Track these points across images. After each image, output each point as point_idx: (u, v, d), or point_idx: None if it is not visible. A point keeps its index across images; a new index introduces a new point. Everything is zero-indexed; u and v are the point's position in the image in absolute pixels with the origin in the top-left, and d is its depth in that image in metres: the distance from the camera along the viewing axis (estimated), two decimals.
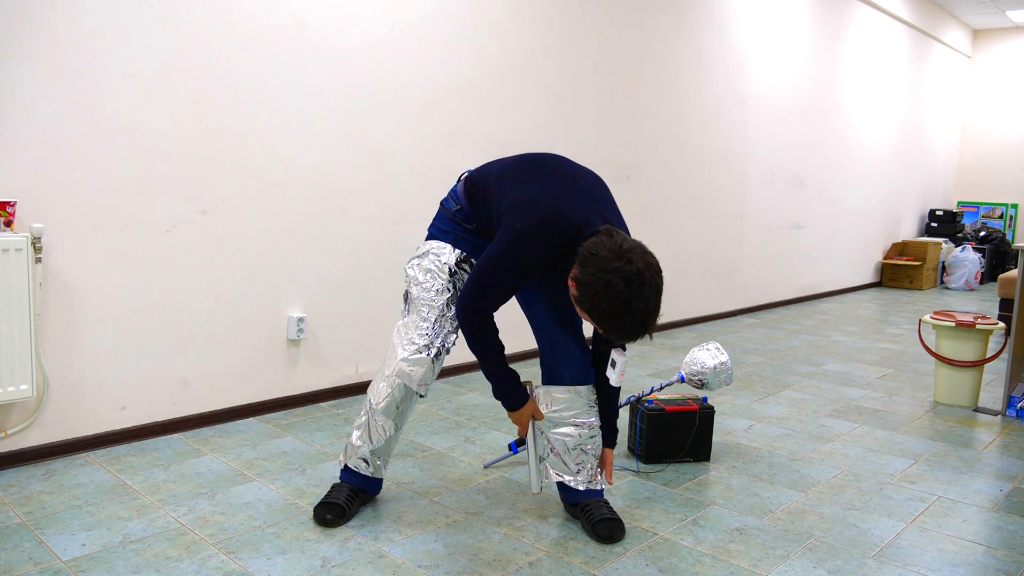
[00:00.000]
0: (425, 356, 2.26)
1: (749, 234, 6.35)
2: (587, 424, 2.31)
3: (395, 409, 2.31)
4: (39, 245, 2.61)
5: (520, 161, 2.26)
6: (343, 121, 3.48)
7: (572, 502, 2.38)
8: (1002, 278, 5.22)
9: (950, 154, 10.28)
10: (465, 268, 2.30)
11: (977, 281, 8.59)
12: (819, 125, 7.12)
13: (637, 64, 5.02)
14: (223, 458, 2.84)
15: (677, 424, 2.87)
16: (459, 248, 2.29)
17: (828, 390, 4.06)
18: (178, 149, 2.98)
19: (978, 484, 2.81)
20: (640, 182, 5.18)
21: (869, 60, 7.81)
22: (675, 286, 5.62)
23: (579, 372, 2.30)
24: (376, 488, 2.46)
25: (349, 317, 3.61)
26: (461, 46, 3.94)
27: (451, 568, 2.10)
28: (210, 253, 3.11)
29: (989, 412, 3.71)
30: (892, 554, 2.26)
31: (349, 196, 3.54)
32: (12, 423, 2.68)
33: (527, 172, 2.19)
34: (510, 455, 2.89)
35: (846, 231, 7.86)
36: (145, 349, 2.97)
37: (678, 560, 2.18)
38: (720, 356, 2.95)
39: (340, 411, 3.42)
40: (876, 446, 3.20)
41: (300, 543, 2.21)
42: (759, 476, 2.82)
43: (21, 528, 2.25)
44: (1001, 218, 9.97)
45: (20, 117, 2.60)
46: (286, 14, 3.23)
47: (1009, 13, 9.19)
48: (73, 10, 2.66)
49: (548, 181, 2.14)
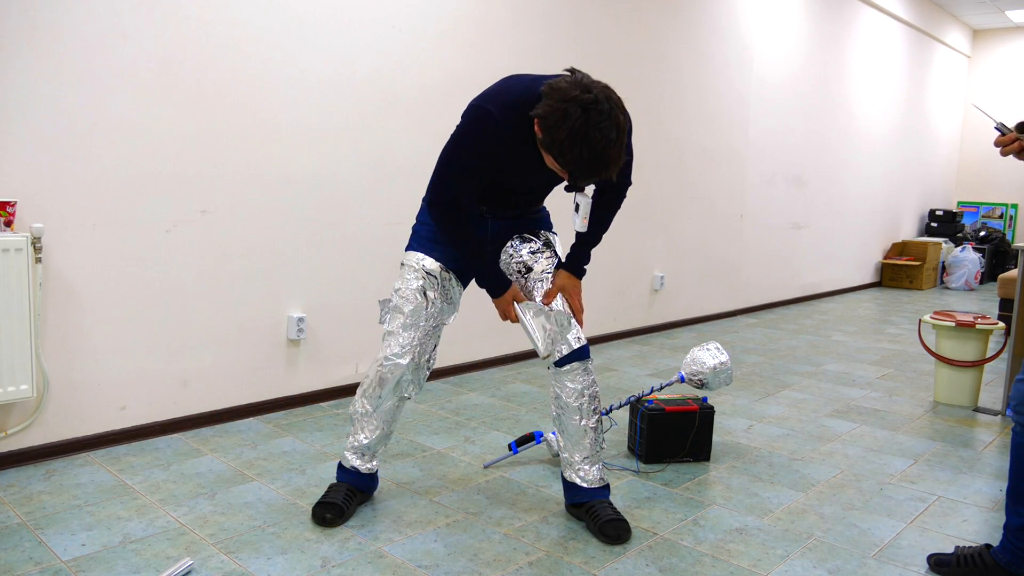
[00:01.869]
0: (402, 362, 2.28)
1: (749, 234, 6.35)
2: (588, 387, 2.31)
3: (375, 395, 2.33)
4: (39, 245, 2.61)
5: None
6: (343, 121, 3.48)
7: (576, 502, 2.38)
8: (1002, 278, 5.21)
9: (950, 154, 10.28)
10: (442, 271, 2.31)
11: (977, 281, 8.59)
12: (819, 125, 7.12)
13: (637, 64, 5.02)
14: (223, 458, 2.83)
15: (677, 424, 2.87)
16: (431, 255, 2.30)
17: (828, 390, 4.06)
18: (178, 149, 2.98)
19: (978, 484, 2.81)
20: (640, 182, 5.16)
21: (869, 60, 7.80)
22: (675, 286, 5.62)
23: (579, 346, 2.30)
24: (372, 486, 2.48)
25: (349, 317, 3.61)
26: (461, 46, 3.94)
27: (451, 568, 2.10)
28: (210, 253, 3.11)
29: (989, 412, 3.71)
30: (892, 554, 2.26)
31: (349, 196, 3.54)
32: (12, 423, 2.68)
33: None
34: (510, 455, 2.89)
35: (846, 231, 7.86)
36: (145, 349, 2.97)
37: (678, 560, 2.18)
38: (720, 356, 2.94)
39: (340, 411, 3.42)
40: (876, 446, 3.20)
41: (300, 543, 2.21)
42: (759, 476, 2.82)
43: (21, 528, 2.25)
44: (1001, 218, 9.97)
45: (20, 117, 2.59)
46: (286, 13, 3.23)
47: (1009, 13, 9.18)
48: (73, 10, 2.66)
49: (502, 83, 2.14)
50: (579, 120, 1.82)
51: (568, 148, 1.85)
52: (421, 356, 2.31)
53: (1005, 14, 9.23)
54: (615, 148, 1.87)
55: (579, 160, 1.87)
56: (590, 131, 1.82)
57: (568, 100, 1.84)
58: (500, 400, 3.67)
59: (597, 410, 2.33)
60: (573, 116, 1.82)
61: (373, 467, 2.44)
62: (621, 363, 4.50)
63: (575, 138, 1.83)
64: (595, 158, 1.86)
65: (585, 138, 1.83)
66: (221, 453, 2.88)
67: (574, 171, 1.91)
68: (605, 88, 1.89)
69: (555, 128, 1.85)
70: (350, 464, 2.41)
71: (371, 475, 2.45)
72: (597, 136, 1.83)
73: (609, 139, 1.84)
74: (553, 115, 1.85)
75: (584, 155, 1.85)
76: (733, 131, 6.01)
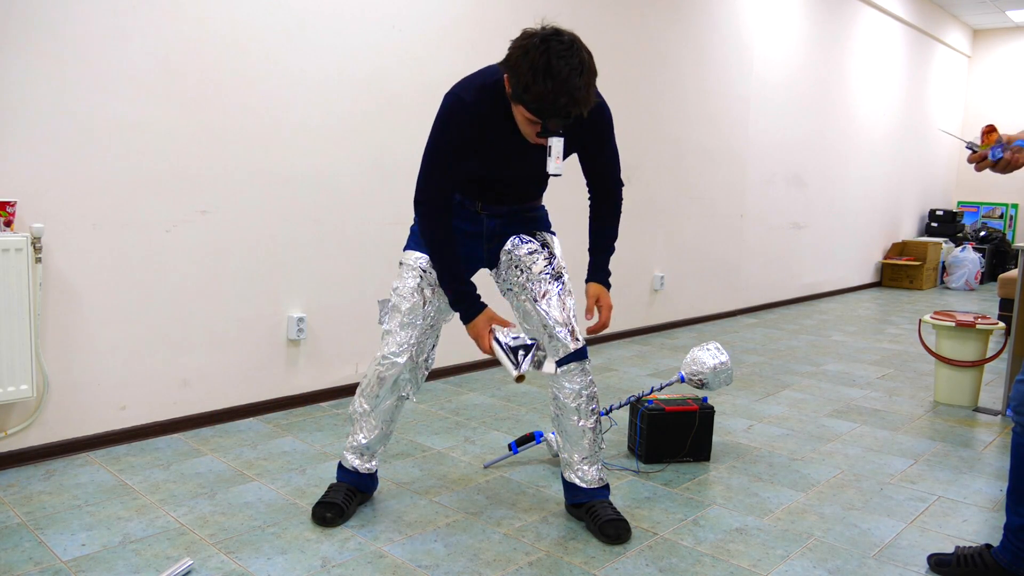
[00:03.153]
0: (399, 361, 2.28)
1: (749, 234, 6.35)
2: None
3: (373, 394, 2.32)
4: (39, 245, 2.61)
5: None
6: (343, 121, 3.48)
7: (576, 502, 2.38)
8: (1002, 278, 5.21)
9: (950, 154, 10.28)
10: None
11: (977, 281, 8.59)
12: (819, 125, 7.12)
13: (637, 64, 5.02)
14: (223, 458, 2.84)
15: (677, 424, 2.87)
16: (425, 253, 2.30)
17: (828, 390, 4.06)
18: (178, 149, 2.98)
19: (978, 484, 2.81)
20: (640, 182, 5.18)
21: (869, 60, 7.80)
22: (675, 286, 5.62)
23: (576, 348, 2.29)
24: (372, 486, 2.48)
25: (349, 317, 3.61)
26: (461, 46, 3.94)
27: (451, 568, 2.10)
28: (210, 253, 3.11)
29: (989, 412, 3.71)
30: (892, 554, 2.26)
31: (349, 196, 3.54)
32: (12, 423, 2.68)
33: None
34: (510, 455, 2.89)
35: (846, 231, 7.86)
36: (145, 349, 2.97)
37: (678, 560, 2.18)
38: (720, 356, 2.94)
39: (340, 411, 3.42)
40: (876, 446, 3.20)
41: (300, 543, 2.21)
42: (759, 476, 2.82)
43: (21, 528, 2.25)
44: (1001, 218, 9.97)
45: (20, 117, 2.60)
46: (286, 13, 3.23)
47: (1009, 13, 9.18)
48: (73, 10, 2.66)
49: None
50: (539, 50, 1.82)
51: (532, 82, 1.83)
52: (419, 355, 2.31)
53: (1005, 14, 9.24)
54: (581, 79, 1.84)
55: (544, 94, 1.84)
56: (552, 59, 1.82)
57: (528, 37, 1.86)
58: (500, 400, 3.67)
59: (595, 411, 2.33)
60: (533, 49, 1.83)
61: (373, 467, 2.44)
62: (621, 363, 4.50)
63: (537, 70, 1.82)
64: (560, 88, 1.83)
65: (547, 68, 1.82)
66: (221, 453, 2.88)
67: (541, 108, 1.87)
68: (571, 32, 1.90)
69: (517, 67, 1.84)
70: (350, 464, 2.41)
71: (371, 475, 2.45)
72: (560, 64, 1.82)
73: (572, 67, 1.83)
74: (514, 55, 1.85)
75: (549, 87, 1.83)
76: (733, 131, 6.01)
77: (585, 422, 2.30)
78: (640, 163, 5.15)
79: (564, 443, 2.36)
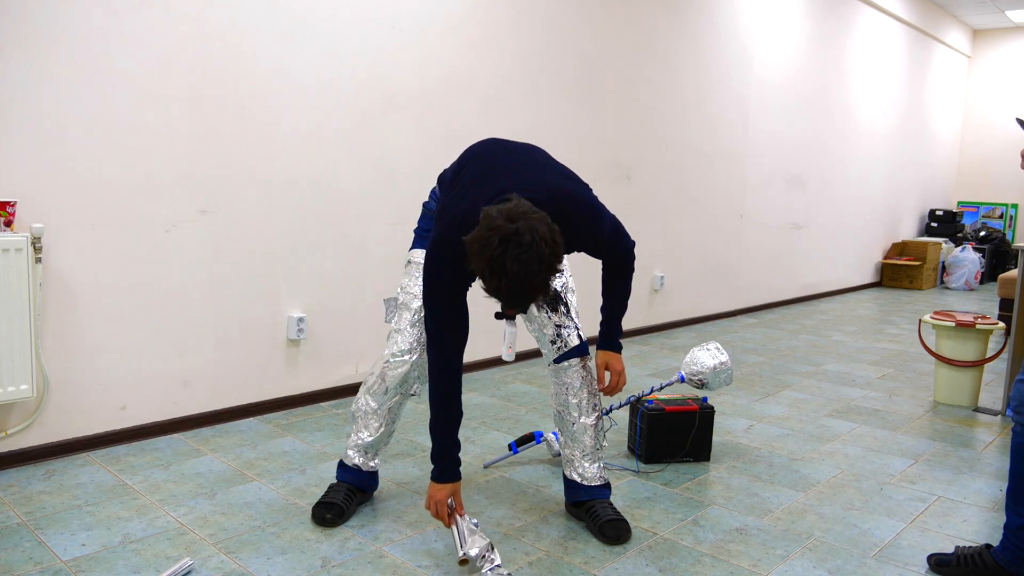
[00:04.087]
0: (408, 359, 2.29)
1: (749, 234, 6.35)
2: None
3: (380, 391, 2.33)
4: (39, 245, 2.61)
5: (462, 159, 2.24)
6: (343, 121, 3.48)
7: (576, 501, 2.38)
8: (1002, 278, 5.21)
9: (950, 154, 10.28)
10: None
11: (977, 281, 8.59)
12: (819, 125, 7.12)
13: (637, 64, 5.02)
14: (223, 458, 2.83)
15: (677, 424, 2.87)
16: None
17: (828, 390, 4.06)
18: (178, 149, 2.98)
19: (978, 484, 2.81)
20: (640, 182, 5.18)
21: (869, 60, 7.80)
22: (675, 286, 5.62)
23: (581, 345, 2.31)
24: (372, 486, 2.48)
25: (349, 317, 3.61)
26: (461, 46, 3.94)
27: (451, 568, 2.10)
28: (210, 253, 3.11)
29: (989, 412, 3.71)
30: (892, 554, 2.26)
31: (349, 196, 3.54)
32: (12, 423, 2.68)
33: (461, 172, 2.18)
34: (510, 455, 2.89)
35: (846, 231, 7.86)
36: (145, 349, 2.97)
37: (678, 560, 2.18)
38: (720, 356, 2.94)
39: (340, 411, 3.42)
40: (876, 446, 3.20)
41: (300, 543, 2.21)
42: (759, 476, 2.82)
43: (21, 528, 2.25)
44: (1001, 218, 9.96)
45: (20, 117, 2.60)
46: (286, 14, 3.23)
47: (1009, 13, 9.18)
48: (73, 10, 2.66)
49: (475, 181, 2.11)
50: (497, 250, 1.78)
51: (487, 278, 1.83)
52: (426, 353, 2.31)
53: (1005, 14, 9.23)
54: (536, 279, 1.82)
55: (498, 290, 1.84)
56: (507, 262, 1.78)
57: (491, 229, 1.80)
58: (500, 400, 3.67)
59: (597, 407, 2.33)
60: (491, 246, 1.79)
61: (374, 466, 2.44)
62: None
63: (493, 268, 1.80)
64: (513, 290, 1.82)
65: (502, 269, 1.79)
66: (221, 453, 2.88)
67: (497, 298, 1.88)
68: (537, 220, 1.83)
69: (477, 256, 1.82)
70: (352, 462, 2.41)
71: (372, 474, 2.45)
72: (515, 268, 1.78)
73: (530, 270, 1.79)
74: (476, 243, 1.82)
75: (502, 286, 1.82)
76: (733, 131, 6.01)
77: (586, 419, 2.31)
78: (640, 163, 5.16)
79: (565, 440, 2.37)
